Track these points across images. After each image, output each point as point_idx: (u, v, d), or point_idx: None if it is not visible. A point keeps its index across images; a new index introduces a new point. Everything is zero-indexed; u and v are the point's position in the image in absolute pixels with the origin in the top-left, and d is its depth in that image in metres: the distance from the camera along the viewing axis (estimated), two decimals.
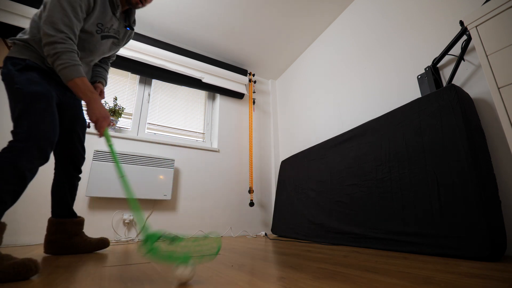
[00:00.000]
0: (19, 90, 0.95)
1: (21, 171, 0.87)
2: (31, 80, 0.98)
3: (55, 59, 0.95)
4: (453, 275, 0.75)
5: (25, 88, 0.95)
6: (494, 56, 0.94)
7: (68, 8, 0.97)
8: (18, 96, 0.95)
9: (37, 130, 0.92)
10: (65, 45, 0.95)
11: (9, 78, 0.98)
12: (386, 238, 1.36)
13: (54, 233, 1.26)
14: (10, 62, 1.00)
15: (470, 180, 1.08)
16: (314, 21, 2.57)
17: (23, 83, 0.96)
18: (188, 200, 2.50)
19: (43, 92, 0.99)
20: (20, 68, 0.99)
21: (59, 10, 0.96)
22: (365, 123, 1.76)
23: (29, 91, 0.95)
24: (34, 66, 1.02)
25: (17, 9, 2.06)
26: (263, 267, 0.93)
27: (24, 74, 0.99)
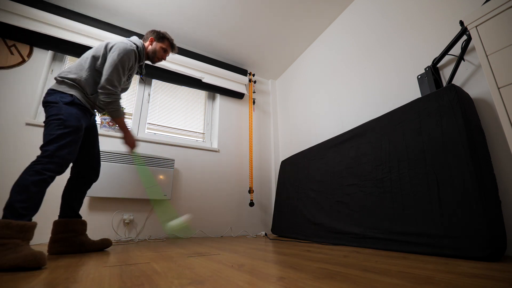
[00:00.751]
0: (63, 120, 1.22)
1: (44, 177, 1.12)
2: (74, 115, 1.27)
3: (108, 104, 1.39)
4: (453, 275, 0.75)
5: (68, 121, 1.23)
6: (494, 56, 0.94)
7: (121, 71, 1.41)
8: (59, 125, 1.21)
9: (62, 152, 1.19)
10: (117, 96, 1.41)
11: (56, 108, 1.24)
12: (386, 238, 1.36)
13: (61, 232, 1.35)
14: (60, 96, 1.28)
15: (470, 180, 1.08)
16: (314, 21, 2.57)
17: (67, 115, 1.24)
18: (188, 200, 2.50)
19: (78, 127, 1.27)
20: (67, 102, 1.27)
21: (116, 72, 1.38)
22: (365, 123, 1.76)
23: (69, 124, 1.23)
24: (77, 103, 1.31)
25: (17, 9, 2.06)
26: (263, 267, 0.93)
27: (69, 108, 1.27)
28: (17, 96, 2.03)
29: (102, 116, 2.31)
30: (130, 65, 1.47)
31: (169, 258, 1.15)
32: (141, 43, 1.59)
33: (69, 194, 1.44)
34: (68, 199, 1.43)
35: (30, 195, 1.07)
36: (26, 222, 1.02)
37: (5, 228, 0.96)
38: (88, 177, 1.49)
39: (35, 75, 2.14)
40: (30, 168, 1.11)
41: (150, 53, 1.64)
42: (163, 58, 1.69)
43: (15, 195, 1.04)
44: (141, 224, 2.22)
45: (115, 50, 1.40)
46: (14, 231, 0.97)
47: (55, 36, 2.16)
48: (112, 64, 1.37)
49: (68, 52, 2.28)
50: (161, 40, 1.65)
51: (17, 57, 2.11)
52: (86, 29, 2.29)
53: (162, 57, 1.68)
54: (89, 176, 1.49)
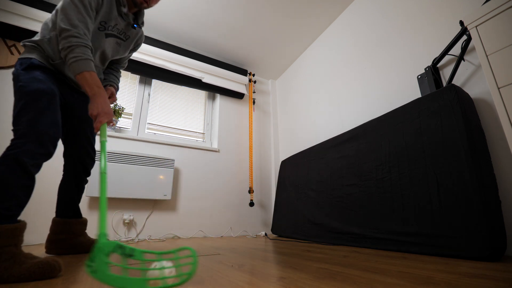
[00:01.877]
0: (22, 87, 0.96)
1: (25, 166, 0.87)
2: (34, 78, 0.99)
3: (68, 52, 0.95)
4: (453, 275, 0.75)
5: (27, 86, 0.96)
6: (494, 56, 0.94)
7: (80, 7, 1.01)
8: (20, 94, 0.96)
9: (36, 126, 0.91)
10: (79, 40, 0.97)
11: (15, 77, 1.01)
12: (386, 238, 1.36)
13: (59, 233, 1.27)
14: (19, 63, 1.03)
15: (470, 180, 1.08)
16: (314, 21, 2.57)
17: (26, 81, 0.97)
18: (188, 200, 2.50)
19: (45, 89, 0.98)
20: (25, 67, 1.01)
21: (73, 8, 0.99)
22: (365, 123, 1.76)
23: (30, 89, 0.96)
24: (39, 65, 1.03)
25: (17, 9, 2.06)
26: (263, 267, 0.93)
27: (28, 73, 1.00)
28: None
29: None
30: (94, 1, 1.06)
31: None
32: None
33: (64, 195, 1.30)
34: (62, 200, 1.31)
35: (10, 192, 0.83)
36: (16, 224, 0.82)
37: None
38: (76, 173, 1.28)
39: None
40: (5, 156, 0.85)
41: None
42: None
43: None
44: (141, 224, 2.22)
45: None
46: (4, 237, 0.78)
47: None
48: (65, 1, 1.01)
49: None
50: None
51: (17, 57, 2.11)
52: None
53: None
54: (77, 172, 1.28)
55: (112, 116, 1.02)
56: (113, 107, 2.32)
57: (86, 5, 1.03)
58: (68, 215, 1.31)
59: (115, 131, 2.38)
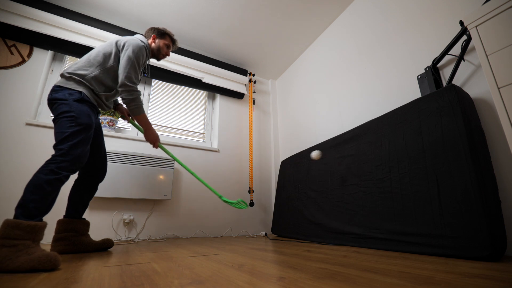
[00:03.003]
0: (75, 118, 1.20)
1: (59, 177, 1.10)
2: (84, 112, 1.25)
3: (130, 101, 1.40)
4: (453, 275, 0.75)
5: (80, 118, 1.21)
6: (494, 56, 0.94)
7: (137, 66, 1.42)
8: (71, 122, 1.19)
9: (76, 151, 1.18)
10: (138, 92, 1.43)
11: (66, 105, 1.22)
12: (386, 238, 1.36)
13: (63, 231, 1.35)
14: (68, 92, 1.25)
15: (470, 180, 1.08)
16: (314, 21, 2.57)
17: (78, 113, 1.22)
18: (188, 200, 2.50)
19: (90, 124, 1.26)
20: (76, 98, 1.25)
21: (133, 68, 1.40)
22: (365, 123, 1.76)
23: (81, 122, 1.22)
24: (86, 100, 1.29)
25: (17, 9, 2.06)
26: (263, 267, 0.93)
27: (79, 105, 1.25)
28: (17, 96, 2.03)
29: (102, 115, 2.31)
30: (143, 61, 1.48)
31: (169, 258, 1.15)
32: (147, 40, 1.60)
33: (76, 195, 1.44)
34: (74, 201, 1.43)
35: (44, 195, 1.05)
36: (37, 222, 0.99)
37: (15, 229, 0.93)
38: (96, 177, 1.49)
39: (35, 75, 2.14)
40: (45, 167, 1.09)
41: (154, 50, 1.65)
42: (167, 54, 1.70)
43: (28, 195, 1.02)
44: (141, 224, 2.22)
45: (129, 47, 1.41)
46: (25, 232, 0.95)
47: (55, 36, 2.16)
48: (129, 60, 1.37)
49: (68, 52, 2.28)
50: (163, 37, 1.66)
51: (17, 57, 2.11)
52: (86, 29, 2.29)
53: (166, 53, 1.69)
54: (96, 176, 1.49)
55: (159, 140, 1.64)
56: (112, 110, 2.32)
57: (140, 65, 1.45)
58: (73, 216, 1.42)
59: (115, 131, 2.38)
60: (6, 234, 0.92)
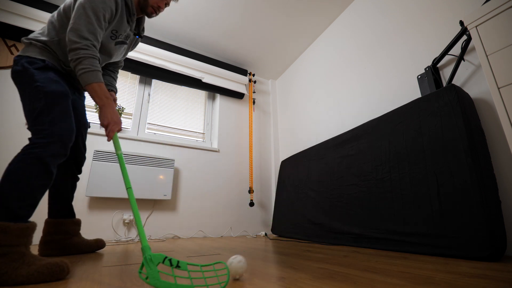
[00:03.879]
0: (40, 87, 0.96)
1: (47, 166, 0.89)
2: (52, 79, 1.01)
3: (77, 64, 0.98)
4: (453, 275, 0.75)
5: (46, 87, 0.97)
6: (494, 56, 0.94)
7: (92, 17, 1.02)
8: (38, 94, 0.96)
9: (59, 127, 0.95)
10: (88, 51, 0.99)
11: (27, 76, 0.98)
12: (386, 238, 1.36)
13: (54, 233, 1.24)
14: (27, 61, 1.00)
15: (470, 180, 1.08)
16: (314, 21, 2.57)
17: (44, 81, 0.98)
18: (188, 200, 2.50)
19: (64, 91, 1.02)
20: (39, 67, 1.01)
21: (84, 18, 1.00)
22: (365, 123, 1.76)
23: (50, 90, 0.97)
24: (52, 67, 1.05)
25: (17, 9, 2.06)
26: (263, 267, 0.93)
27: (44, 73, 1.01)
28: (17, 96, 2.03)
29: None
30: (109, 12, 1.08)
31: None
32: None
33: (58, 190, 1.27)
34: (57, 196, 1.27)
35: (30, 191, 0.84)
36: (27, 224, 0.82)
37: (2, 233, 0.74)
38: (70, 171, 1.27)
39: None
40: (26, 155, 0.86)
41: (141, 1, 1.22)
42: (160, 6, 1.25)
43: (8, 191, 0.81)
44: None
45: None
46: (15, 236, 0.77)
47: None
48: (79, 8, 1.01)
49: None
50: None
51: None
52: None
53: (157, 3, 1.23)
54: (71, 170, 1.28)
55: (121, 125, 1.06)
56: None
57: (100, 16, 1.04)
58: (62, 215, 1.28)
59: None
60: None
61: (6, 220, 0.78)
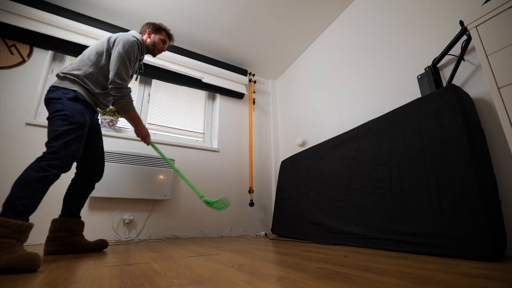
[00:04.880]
0: (68, 116, 1.21)
1: (49, 174, 1.10)
2: (78, 110, 1.25)
3: (120, 98, 1.40)
4: (453, 275, 0.75)
5: (72, 117, 1.22)
6: (494, 56, 0.94)
7: (128, 64, 1.40)
8: (64, 121, 1.20)
9: (68, 149, 1.17)
10: (127, 90, 1.42)
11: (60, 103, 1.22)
12: (386, 238, 1.36)
13: (57, 230, 1.32)
14: (62, 91, 1.26)
15: (470, 180, 1.08)
16: (314, 21, 2.57)
17: (72, 111, 1.22)
18: (188, 200, 2.50)
19: (84, 123, 1.26)
20: (70, 97, 1.25)
21: (123, 65, 1.38)
22: (365, 123, 1.76)
23: (74, 120, 1.22)
24: (81, 99, 1.29)
25: (17, 9, 2.06)
26: (263, 267, 0.93)
27: (73, 103, 1.25)
28: (17, 96, 2.03)
29: (102, 116, 2.31)
30: (135, 56, 1.46)
31: (169, 258, 1.15)
32: (141, 36, 1.57)
33: (71, 195, 1.42)
34: (69, 200, 1.41)
35: (33, 192, 1.04)
36: (23, 222, 0.98)
37: (1, 227, 0.92)
38: (91, 177, 1.47)
39: (35, 75, 2.14)
40: (35, 164, 1.08)
41: (149, 46, 1.62)
42: (163, 50, 1.68)
43: (16, 191, 1.00)
44: (141, 224, 2.22)
45: (119, 42, 1.39)
46: (11, 230, 0.93)
47: (55, 36, 2.16)
48: (119, 57, 1.36)
49: (68, 52, 2.28)
50: (158, 32, 1.64)
51: (17, 57, 2.11)
52: (86, 29, 2.29)
53: (162, 49, 1.67)
54: (92, 176, 1.47)
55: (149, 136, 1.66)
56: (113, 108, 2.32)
57: (131, 62, 1.43)
58: (68, 215, 1.39)
59: (115, 131, 2.38)
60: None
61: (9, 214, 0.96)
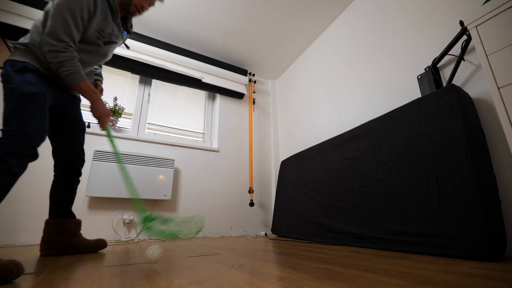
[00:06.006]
0: (13, 89, 0.98)
1: (8, 166, 0.88)
2: (27, 80, 1.01)
3: (59, 67, 1.03)
4: (453, 275, 0.75)
5: (19, 88, 0.98)
6: (494, 56, 0.93)
7: (69, 18, 1.03)
8: (11, 96, 0.98)
9: (26, 128, 0.95)
10: (67, 54, 1.03)
11: (6, 78, 1.01)
12: (386, 238, 1.36)
13: (53, 233, 1.25)
14: (9, 64, 1.04)
15: (470, 180, 1.08)
16: (314, 21, 2.57)
17: (18, 83, 0.99)
18: (188, 200, 2.50)
19: (37, 92, 1.02)
20: (18, 69, 1.02)
21: (60, 20, 1.02)
22: (365, 123, 1.76)
23: (23, 91, 0.98)
24: (32, 69, 1.06)
25: (17, 9, 2.06)
26: (263, 267, 0.93)
27: (21, 75, 1.02)
28: None
29: None
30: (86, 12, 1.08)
31: (169, 258, 1.15)
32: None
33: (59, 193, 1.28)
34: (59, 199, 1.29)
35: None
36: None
37: None
38: (66, 173, 1.27)
39: None
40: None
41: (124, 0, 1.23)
42: (143, 6, 1.25)
43: None
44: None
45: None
46: None
47: None
48: (56, 10, 1.02)
49: None
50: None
51: None
52: None
53: (140, 3, 1.23)
54: (67, 172, 1.27)
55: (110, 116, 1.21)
56: (112, 107, 2.32)
57: (77, 17, 1.05)
58: (61, 215, 1.29)
59: (115, 131, 2.38)
60: None
61: None
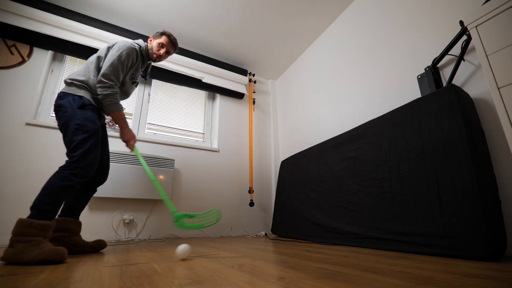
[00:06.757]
0: (81, 126, 1.28)
1: (72, 183, 1.20)
2: (88, 118, 1.32)
3: (104, 98, 1.38)
4: (453, 275, 0.75)
5: (84, 126, 1.29)
6: (494, 56, 0.94)
7: (118, 66, 1.42)
8: (78, 130, 1.27)
9: (88, 157, 1.26)
10: (113, 89, 1.40)
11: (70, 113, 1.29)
12: (386, 238, 1.36)
13: (56, 231, 1.31)
14: (71, 98, 1.32)
15: (470, 180, 1.08)
16: (314, 21, 2.57)
17: (83, 120, 1.29)
18: (188, 200, 2.50)
19: (96, 130, 1.33)
20: (79, 105, 1.32)
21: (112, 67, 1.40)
22: (365, 123, 1.76)
23: (88, 129, 1.29)
24: (88, 104, 1.35)
25: (17, 9, 2.06)
26: (263, 267, 0.93)
27: (83, 112, 1.31)
28: (17, 96, 2.03)
29: None
30: (131, 62, 1.48)
31: (169, 258, 1.15)
32: (145, 44, 1.62)
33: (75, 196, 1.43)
34: (72, 201, 1.41)
35: (58, 199, 1.17)
36: (47, 221, 1.12)
37: (29, 227, 1.08)
38: (95, 180, 1.49)
39: (35, 75, 2.14)
40: (60, 173, 1.19)
41: (149, 51, 1.63)
42: (159, 54, 1.62)
43: (43, 198, 1.14)
44: (141, 224, 2.22)
45: (115, 47, 1.46)
46: (37, 230, 1.09)
47: (55, 36, 2.16)
48: (110, 59, 1.40)
49: (68, 52, 2.28)
50: (158, 36, 1.64)
51: (17, 57, 2.11)
52: (86, 29, 2.29)
53: (157, 52, 1.61)
54: (97, 179, 1.50)
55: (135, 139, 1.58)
56: None
57: (124, 66, 1.45)
58: (66, 214, 1.39)
59: (115, 131, 2.38)
60: (21, 231, 1.07)
61: (37, 218, 1.10)
